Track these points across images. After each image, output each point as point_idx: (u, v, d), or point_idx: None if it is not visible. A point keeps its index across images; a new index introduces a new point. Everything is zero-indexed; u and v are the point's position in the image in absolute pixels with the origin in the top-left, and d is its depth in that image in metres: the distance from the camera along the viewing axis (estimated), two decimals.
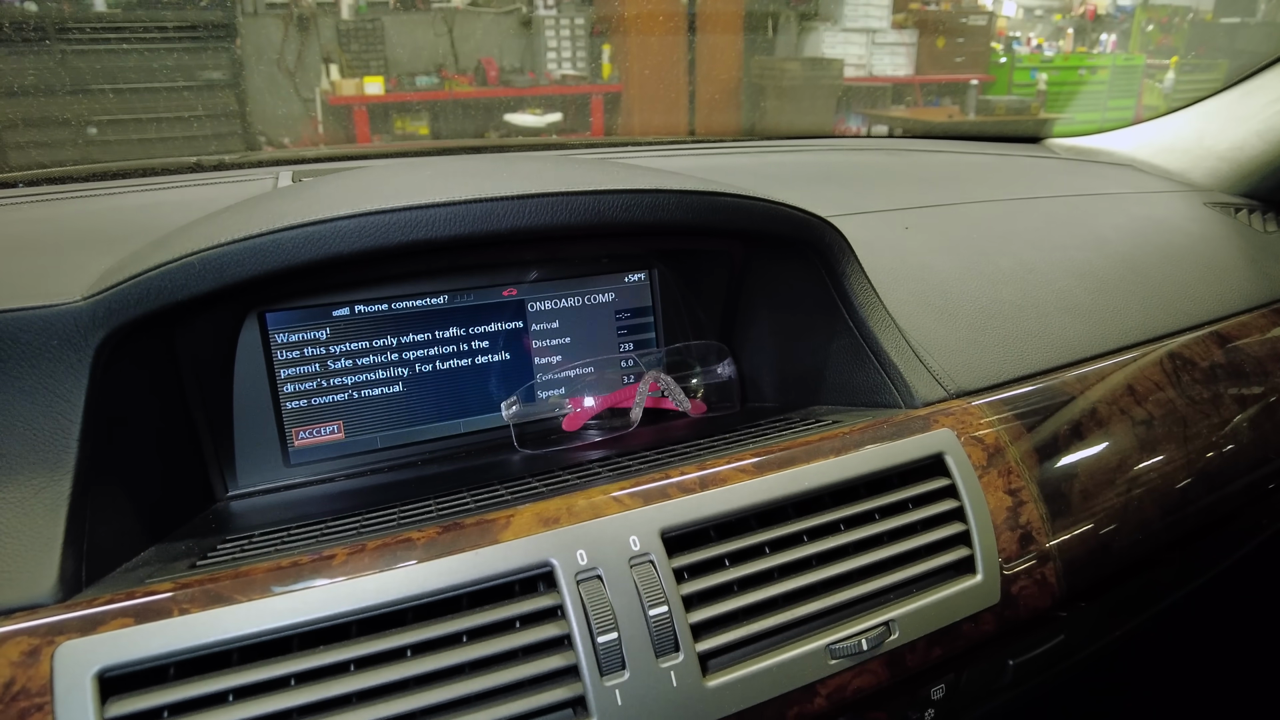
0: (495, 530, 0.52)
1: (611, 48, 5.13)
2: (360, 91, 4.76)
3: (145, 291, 0.52)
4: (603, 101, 5.10)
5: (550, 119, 4.94)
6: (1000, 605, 0.63)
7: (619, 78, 5.11)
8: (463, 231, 0.54)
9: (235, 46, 4.50)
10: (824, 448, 0.63)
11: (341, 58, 4.87)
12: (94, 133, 3.95)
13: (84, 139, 3.89)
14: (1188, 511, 0.76)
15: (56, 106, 3.82)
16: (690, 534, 0.56)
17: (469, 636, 0.50)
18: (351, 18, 4.92)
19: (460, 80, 5.00)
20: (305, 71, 4.89)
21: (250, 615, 0.47)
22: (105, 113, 3.96)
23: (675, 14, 5.02)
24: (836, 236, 0.70)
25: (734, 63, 5.26)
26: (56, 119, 3.82)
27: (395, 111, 4.89)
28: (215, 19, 4.32)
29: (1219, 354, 0.87)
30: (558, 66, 5.10)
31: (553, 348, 0.83)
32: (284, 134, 4.91)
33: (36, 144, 3.70)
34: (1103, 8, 6.57)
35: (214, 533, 0.61)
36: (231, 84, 4.42)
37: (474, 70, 5.05)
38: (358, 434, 0.76)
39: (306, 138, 4.96)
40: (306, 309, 0.74)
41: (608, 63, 5.14)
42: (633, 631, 0.51)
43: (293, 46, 4.84)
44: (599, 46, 5.13)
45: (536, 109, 4.95)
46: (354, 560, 0.50)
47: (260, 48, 4.77)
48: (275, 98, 4.81)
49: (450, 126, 4.93)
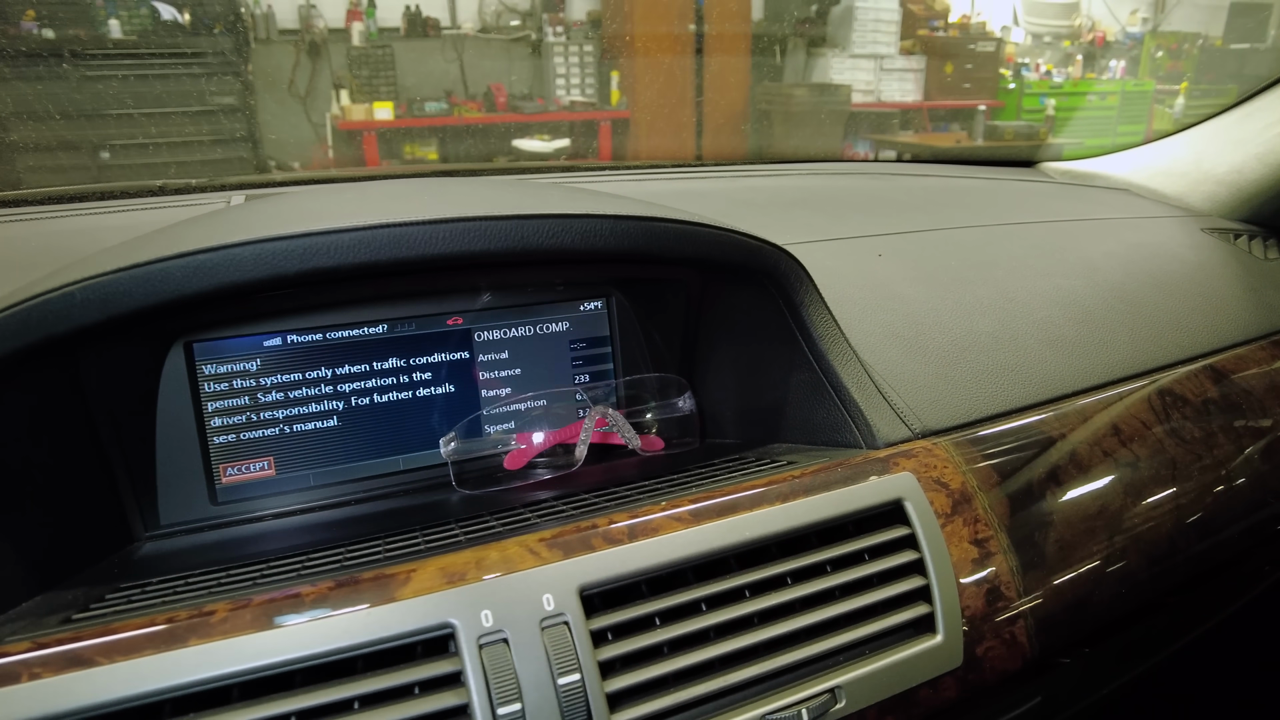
0: (394, 586, 0.48)
1: (620, 74, 5.15)
2: (370, 116, 4.78)
3: (23, 323, 0.48)
4: (610, 127, 5.10)
5: (558, 144, 4.94)
6: (963, 669, 0.57)
7: (627, 104, 5.12)
8: (367, 259, 0.50)
9: (247, 72, 4.54)
10: (771, 493, 0.58)
11: (352, 83, 4.91)
12: (106, 157, 3.98)
13: (96, 163, 3.93)
14: (1177, 560, 0.70)
15: (70, 129, 3.86)
16: (614, 590, 0.51)
17: (361, 703, 0.45)
18: (362, 44, 4.96)
19: (469, 106, 5.02)
20: (316, 97, 4.93)
21: (112, 680, 0.42)
22: (117, 137, 4.00)
23: (683, 41, 5.03)
24: (792, 264, 0.66)
25: (742, 89, 5.26)
26: (70, 143, 3.85)
27: (404, 137, 4.91)
28: (227, 45, 4.36)
29: (1213, 389, 0.81)
30: (566, 93, 5.12)
31: (501, 379, 0.78)
32: (294, 159, 4.95)
33: (49, 168, 3.74)
34: (1112, 34, 6.54)
35: (112, 579, 0.57)
36: (242, 109, 4.45)
37: (483, 96, 5.08)
38: (289, 470, 0.72)
39: (316, 162, 4.99)
40: (235, 339, 0.70)
41: (616, 89, 5.15)
42: (539, 703, 0.46)
43: (304, 72, 4.89)
44: (607, 73, 5.15)
45: (545, 135, 4.96)
46: (235, 617, 0.45)
47: (272, 73, 4.82)
48: (286, 122, 4.85)
49: (459, 152, 4.95)
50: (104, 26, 4.19)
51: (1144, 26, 6.59)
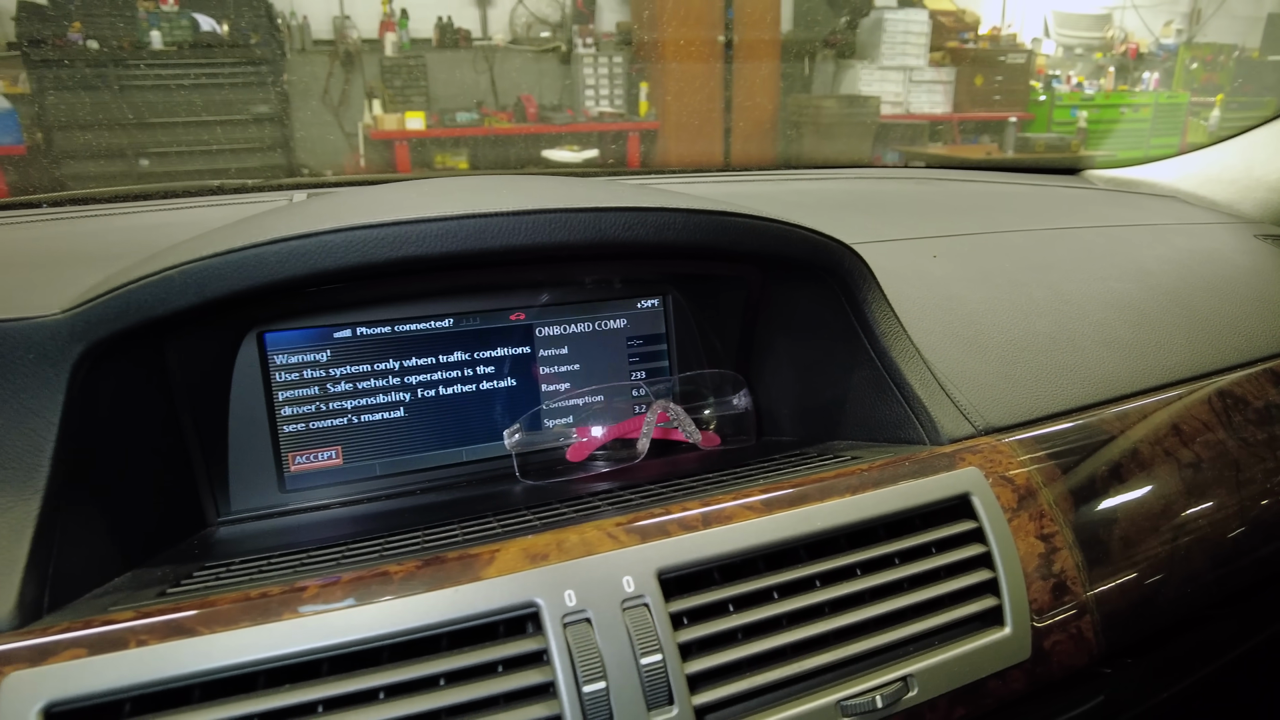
0: (478, 566, 0.49)
1: (649, 86, 5.18)
2: (402, 126, 4.84)
3: (125, 305, 0.50)
4: (639, 138, 5.13)
5: (587, 155, 4.97)
6: (1031, 661, 0.57)
7: (656, 115, 5.15)
8: (454, 249, 0.52)
9: (282, 81, 4.62)
10: (840, 485, 0.58)
11: (384, 93, 4.98)
12: (146, 164, 4.07)
13: (136, 170, 4.01)
14: (1242, 563, 0.70)
15: (112, 136, 3.95)
16: (690, 575, 0.52)
17: (446, 680, 0.46)
18: (395, 54, 5.04)
19: (500, 116, 5.07)
20: (349, 106, 5.01)
21: (212, 649, 0.44)
22: (157, 145, 4.09)
23: (712, 53, 5.05)
24: (856, 261, 0.67)
25: (771, 101, 5.27)
26: (111, 149, 3.94)
27: (435, 146, 4.96)
28: (263, 55, 4.44)
29: (1274, 393, 0.81)
30: (595, 104, 5.16)
31: (561, 374, 0.80)
32: (326, 167, 5.02)
33: (90, 176, 3.82)
34: (1145, 46, 6.49)
35: (195, 559, 0.58)
36: (277, 118, 4.53)
37: (513, 106, 5.13)
38: (356, 460, 0.74)
39: (349, 171, 5.06)
40: (307, 330, 0.72)
41: (645, 100, 5.18)
42: (622, 681, 0.46)
43: (338, 82, 4.97)
44: (636, 84, 5.19)
45: (574, 145, 4.99)
46: (326, 593, 0.47)
47: (306, 83, 4.90)
48: (320, 131, 4.93)
49: (489, 161, 4.99)
50: (146, 37, 4.29)
51: (1179, 38, 6.53)
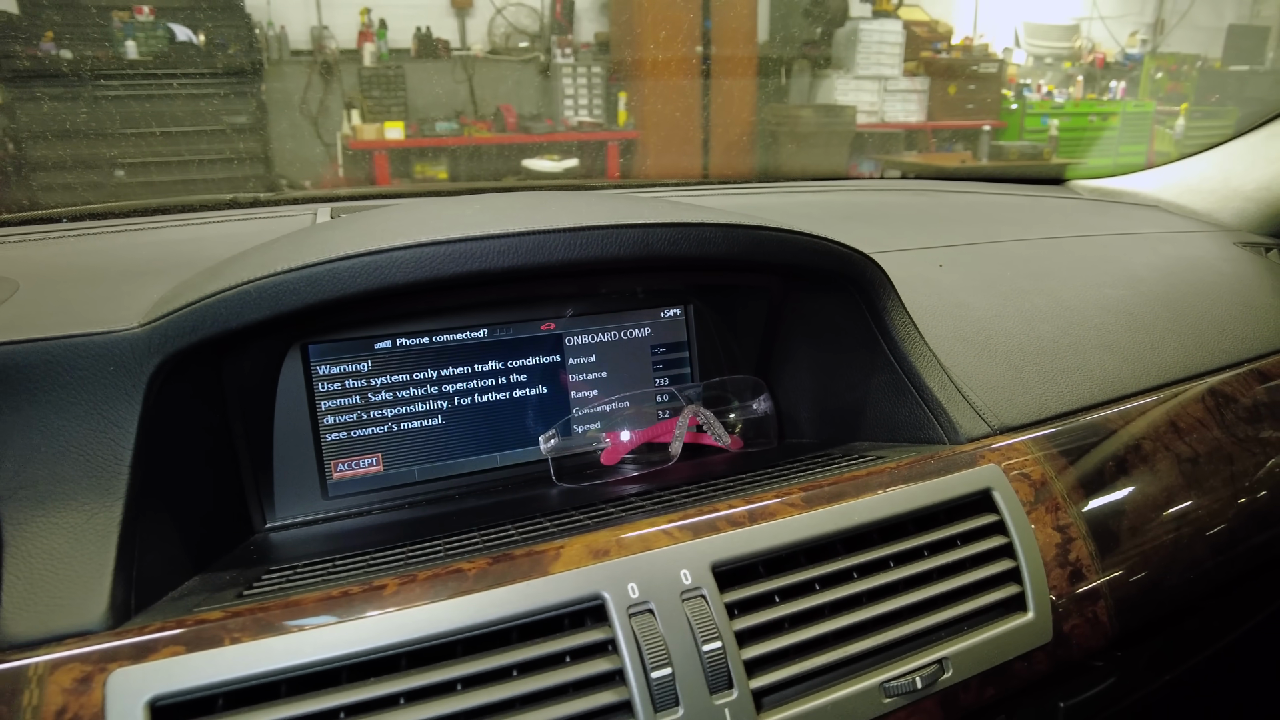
0: (546, 561, 0.52)
1: (628, 95, 5.22)
2: (381, 136, 4.84)
3: (201, 319, 0.53)
4: (618, 148, 5.17)
5: (567, 164, 5.00)
6: (1053, 644, 0.61)
7: (635, 124, 5.20)
8: (516, 264, 0.55)
9: (260, 92, 4.60)
10: (872, 483, 0.62)
11: (363, 103, 4.97)
12: (121, 175, 4.03)
13: (112, 181, 3.97)
14: (1238, 550, 0.75)
15: (88, 148, 3.91)
16: (740, 569, 0.55)
17: (520, 670, 0.49)
18: (374, 64, 5.04)
19: (479, 126, 5.08)
20: (328, 117, 5.00)
21: (303, 644, 0.46)
22: (134, 155, 4.05)
23: (690, 63, 5.11)
24: (878, 272, 0.71)
25: (748, 110, 5.34)
26: (87, 160, 3.90)
27: (415, 156, 4.96)
28: (240, 65, 4.42)
29: (1261, 391, 0.86)
30: (575, 114, 5.19)
31: (589, 381, 0.83)
32: (305, 177, 5.00)
33: (67, 186, 3.78)
34: (1112, 56, 6.66)
35: (257, 563, 0.60)
36: (255, 129, 4.51)
37: (493, 116, 5.14)
38: (396, 466, 0.76)
39: (328, 181, 5.04)
40: (349, 341, 0.74)
41: (624, 110, 5.22)
42: (686, 667, 0.50)
43: (316, 92, 4.95)
44: (615, 94, 5.23)
45: (554, 155, 5.02)
46: (405, 591, 0.49)
47: (284, 93, 4.88)
48: (298, 142, 4.91)
49: (469, 171, 5.01)
50: (121, 47, 4.25)
51: (1143, 48, 6.72)
